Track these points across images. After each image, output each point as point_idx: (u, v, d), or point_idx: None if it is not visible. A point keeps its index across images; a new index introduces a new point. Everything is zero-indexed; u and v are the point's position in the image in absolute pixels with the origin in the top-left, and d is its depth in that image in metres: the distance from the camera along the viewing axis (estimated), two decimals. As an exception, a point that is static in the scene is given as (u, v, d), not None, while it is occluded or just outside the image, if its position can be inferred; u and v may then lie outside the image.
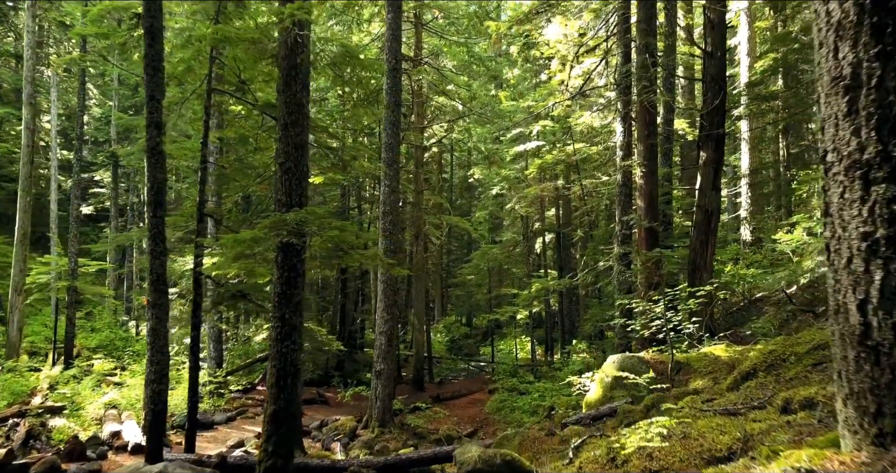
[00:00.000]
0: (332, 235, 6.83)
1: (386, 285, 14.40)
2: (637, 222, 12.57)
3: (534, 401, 16.54)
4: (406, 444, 13.62)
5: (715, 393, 5.71)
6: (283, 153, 7.06)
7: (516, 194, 24.89)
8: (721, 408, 4.44)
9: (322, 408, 17.19)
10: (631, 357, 8.58)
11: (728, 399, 4.76)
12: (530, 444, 7.24)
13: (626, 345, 12.61)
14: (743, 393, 4.84)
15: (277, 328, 6.85)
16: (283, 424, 6.63)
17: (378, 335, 14.41)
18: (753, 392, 4.78)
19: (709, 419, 4.01)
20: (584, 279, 14.14)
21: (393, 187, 14.50)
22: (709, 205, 12.28)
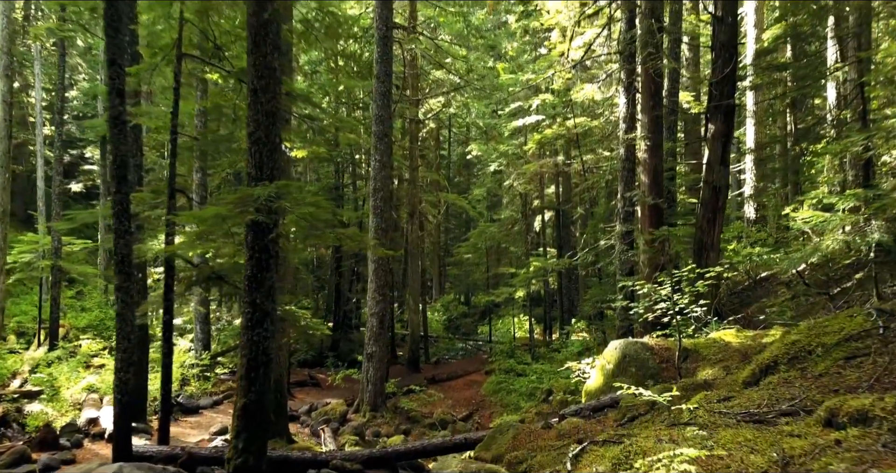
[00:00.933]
0: (305, 212, 6.18)
1: (377, 265, 13.79)
2: (640, 199, 11.92)
3: (531, 384, 16.05)
4: (398, 429, 13.14)
5: (731, 389, 5.11)
6: (253, 122, 6.38)
7: (515, 171, 24.17)
8: (743, 411, 3.84)
9: (313, 391, 16.71)
10: (634, 343, 8.00)
11: (749, 399, 4.16)
12: (525, 439, 6.68)
13: (628, 328, 12.05)
14: (766, 392, 4.24)
15: (248, 314, 6.24)
16: (255, 418, 6.06)
17: (370, 316, 13.85)
18: (778, 391, 4.18)
19: (732, 429, 3.41)
20: (584, 259, 13.54)
21: (384, 162, 13.80)
22: (717, 181, 11.61)
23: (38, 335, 19.65)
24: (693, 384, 6.21)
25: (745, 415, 3.74)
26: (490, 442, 7.00)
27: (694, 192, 21.85)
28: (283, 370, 10.88)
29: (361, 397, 13.84)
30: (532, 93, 22.24)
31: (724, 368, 6.82)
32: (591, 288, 17.37)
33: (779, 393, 4.13)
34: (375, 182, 13.84)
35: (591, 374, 8.58)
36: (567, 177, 24.65)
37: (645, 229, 12.02)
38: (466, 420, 14.71)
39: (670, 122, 15.20)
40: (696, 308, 8.49)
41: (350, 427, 12.49)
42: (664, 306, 8.09)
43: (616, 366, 7.99)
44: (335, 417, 13.16)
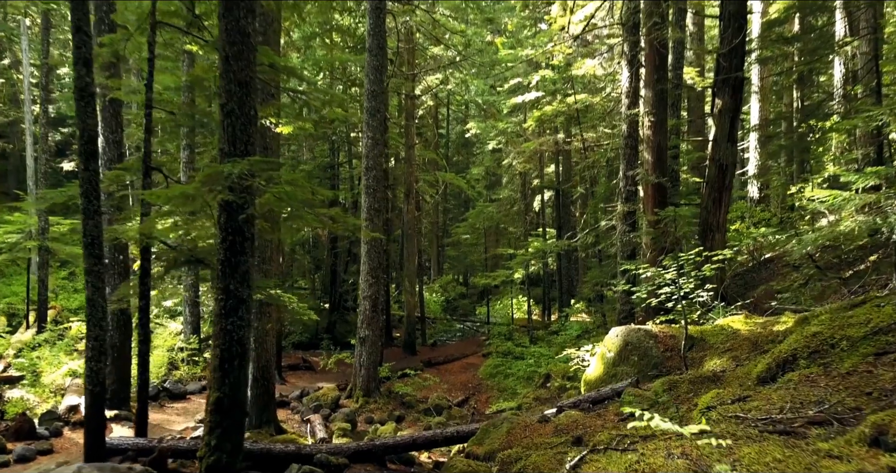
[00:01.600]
0: (281, 191, 5.68)
1: (370, 246, 13.31)
2: (643, 178, 11.41)
3: (529, 368, 15.69)
4: (392, 415, 12.78)
5: (745, 386, 4.67)
6: (225, 92, 5.85)
7: (514, 150, 23.59)
8: (764, 417, 3.38)
9: (306, 374, 16.35)
10: (637, 331, 7.55)
11: (768, 400, 3.71)
12: (520, 434, 6.26)
13: (629, 312, 11.62)
14: (787, 392, 3.79)
15: (221, 301, 5.78)
16: (229, 414, 5.63)
17: (362, 299, 13.41)
18: (801, 392, 3.72)
19: (756, 442, 2.95)
20: (584, 241, 13.07)
21: (377, 140, 13.25)
22: (724, 158, 11.08)
23: (26, 317, 19.25)
24: (700, 377, 5.77)
25: (767, 422, 3.28)
26: (483, 436, 6.59)
27: (697, 171, 21.32)
28: (271, 355, 10.46)
29: (354, 382, 13.46)
30: (532, 69, 21.58)
31: (733, 358, 6.37)
32: (590, 270, 16.92)
33: (802, 394, 3.67)
34: (368, 160, 13.31)
35: (591, 362, 8.15)
36: (567, 155, 24.08)
37: (648, 209, 11.53)
38: (462, 405, 14.36)
39: (674, 97, 14.60)
40: (701, 293, 8.03)
41: (342, 413, 12.11)
42: (668, 290, 7.64)
43: (617, 354, 7.55)
44: (327, 403, 12.78)
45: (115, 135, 11.16)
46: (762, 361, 4.99)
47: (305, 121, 9.41)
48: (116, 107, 11.16)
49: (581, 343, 15.25)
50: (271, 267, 10.35)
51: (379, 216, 13.37)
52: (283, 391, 14.34)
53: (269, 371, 10.44)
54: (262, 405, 10.36)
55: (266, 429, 10.23)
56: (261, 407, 10.34)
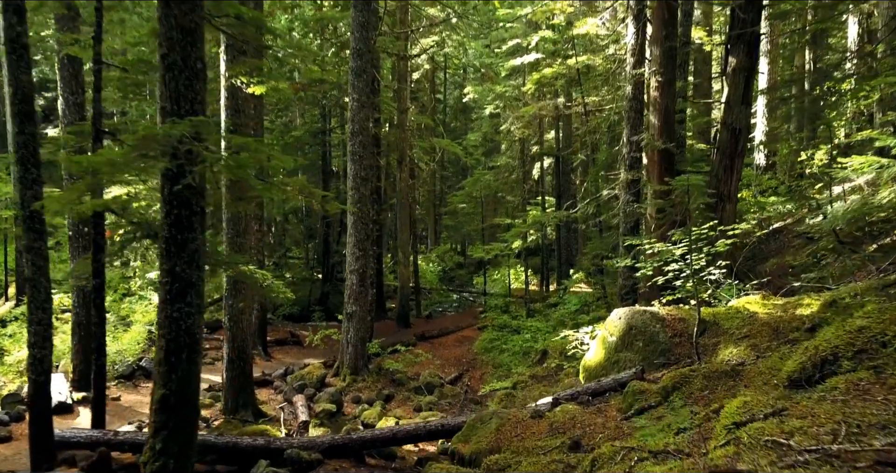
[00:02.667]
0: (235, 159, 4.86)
1: (357, 217, 12.51)
2: (649, 143, 10.55)
3: (525, 343, 15.06)
4: (380, 394, 12.17)
5: (776, 392, 3.92)
6: (165, 41, 4.98)
7: (512, 114, 22.57)
8: (814, 447, 2.64)
9: (294, 350, 15.73)
10: (642, 313, 6.81)
11: (812, 417, 2.96)
12: (510, 431, 5.56)
13: (631, 287, 10.88)
14: (833, 406, 3.04)
15: (166, 285, 5.02)
16: (177, 413, 4.92)
17: (349, 273, 12.67)
18: (854, 407, 2.97)
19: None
20: (585, 211, 12.27)
21: (363, 102, 12.33)
22: (737, 122, 10.23)
23: (5, 289, 18.57)
24: (717, 371, 5.04)
25: (819, 456, 2.54)
26: (469, 433, 5.91)
27: (702, 136, 20.41)
28: (248, 335, 9.77)
29: (341, 359, 12.82)
30: (531, 29, 20.46)
31: (751, 347, 5.64)
32: (591, 241, 16.15)
33: (856, 412, 2.92)
34: (354, 124, 12.41)
35: (591, 346, 7.44)
36: (568, 121, 23.09)
37: (654, 177, 10.71)
38: (455, 383, 13.75)
39: (683, 56, 13.61)
40: (713, 271, 7.29)
41: (327, 393, 11.48)
42: (676, 267, 6.89)
43: (620, 339, 6.83)
44: (312, 382, 12.15)
45: (76, 96, 10.24)
46: (794, 357, 4.24)
47: (279, 80, 8.50)
48: (76, 66, 10.23)
49: (579, 319, 14.59)
50: (246, 240, 9.57)
51: (366, 185, 12.53)
52: (267, 369, 13.72)
53: (246, 352, 9.76)
54: (239, 388, 9.71)
55: (243, 413, 9.61)
56: (237, 390, 9.69)
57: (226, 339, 9.68)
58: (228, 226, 9.53)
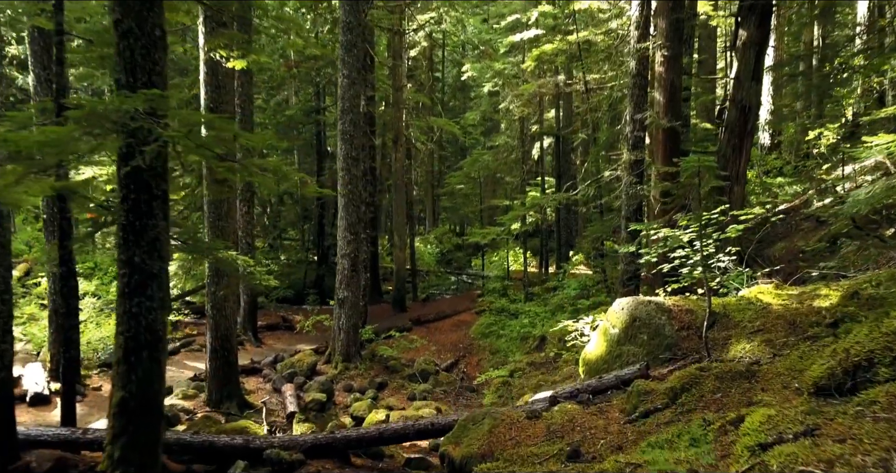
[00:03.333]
0: (195, 138, 4.36)
1: (348, 199, 12.01)
2: (654, 122, 10.01)
3: (523, 328, 14.65)
4: (373, 382, 11.79)
5: (802, 402, 3.47)
6: (118, 5, 4.46)
7: (511, 92, 21.93)
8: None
9: (285, 335, 15.33)
10: (647, 304, 6.35)
11: (856, 444, 2.51)
12: (504, 434, 5.14)
13: (634, 273, 10.42)
14: (880, 429, 2.59)
15: (124, 276, 4.56)
16: (138, 417, 4.49)
17: (340, 258, 12.21)
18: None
19: None
20: (586, 193, 11.77)
21: (353, 78, 11.76)
22: (746, 99, 9.69)
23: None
24: (730, 371, 4.59)
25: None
26: (461, 434, 5.48)
27: (706, 115, 19.80)
28: (231, 323, 9.34)
29: (333, 346, 12.42)
30: (531, 4, 19.76)
31: (766, 342, 5.19)
32: (591, 224, 15.66)
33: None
34: (344, 102, 11.86)
35: (592, 338, 6.99)
36: (568, 99, 22.46)
37: (658, 157, 10.20)
38: (451, 370, 13.37)
39: (688, 30, 12.98)
40: (722, 258, 6.82)
41: (317, 382, 11.08)
42: (683, 254, 6.41)
43: (623, 331, 6.38)
44: (302, 370, 11.75)
45: (47, 72, 9.69)
46: (820, 360, 3.79)
47: (259, 54, 7.95)
48: (47, 39, 9.65)
49: (579, 304, 14.16)
50: (229, 225, 9.09)
51: (357, 165, 12.02)
52: (257, 355, 13.33)
53: (230, 341, 9.34)
54: (223, 378, 9.30)
55: (227, 405, 9.22)
56: (221, 380, 9.29)
57: (208, 327, 9.25)
58: (210, 210, 9.04)
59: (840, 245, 8.30)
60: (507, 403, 10.48)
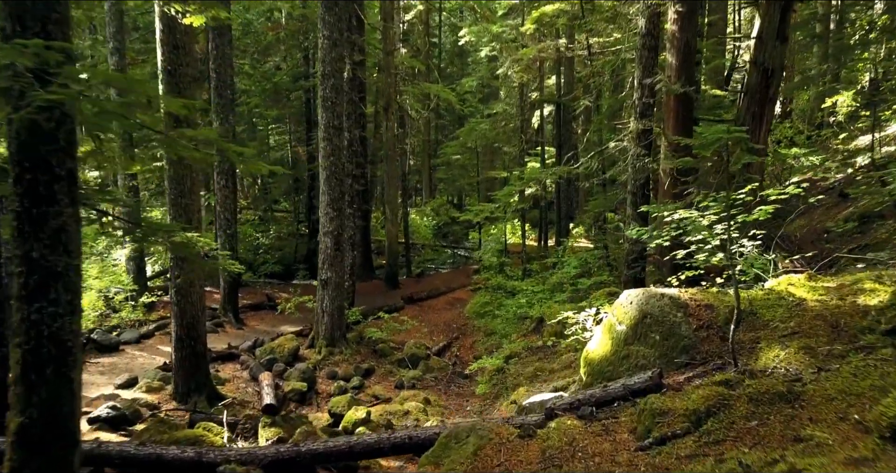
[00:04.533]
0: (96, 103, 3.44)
1: (330, 172, 11.08)
2: (665, 87, 9.02)
3: (520, 308, 13.86)
4: (358, 368, 11.03)
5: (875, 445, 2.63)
6: (-2, -68, 3.52)
7: (510, 57, 20.75)
8: None
9: (269, 316, 14.54)
10: (659, 297, 5.50)
11: None
12: (492, 457, 4.33)
13: (640, 253, 9.56)
14: None
15: (21, 276, 3.70)
16: (42, 448, 3.68)
17: (322, 236, 11.34)
18: None
19: None
20: (589, 166, 10.83)
21: (335, 40, 10.72)
22: (770, 61, 8.70)
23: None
24: (767, 393, 3.75)
25: None
26: (442, 453, 4.68)
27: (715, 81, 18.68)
28: (199, 310, 8.50)
29: (316, 330, 11.63)
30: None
31: (805, 351, 4.34)
32: (593, 198, 14.72)
33: None
34: (325, 66, 10.84)
35: (595, 334, 6.15)
36: (570, 65, 21.31)
37: (669, 126, 9.24)
38: (443, 354, 12.62)
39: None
40: (745, 242, 5.94)
41: (297, 369, 10.32)
42: (700, 237, 5.54)
43: (631, 329, 5.54)
44: (283, 355, 10.98)
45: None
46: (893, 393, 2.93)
47: (219, 9, 6.95)
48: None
49: (580, 283, 13.33)
50: (191, 202, 8.18)
51: (340, 135, 11.05)
52: (238, 338, 12.54)
53: (197, 329, 8.51)
54: (190, 370, 8.51)
55: (196, 398, 8.44)
56: (188, 372, 8.50)
57: (173, 315, 8.42)
58: (171, 186, 8.14)
59: (874, 226, 7.40)
60: (500, 394, 9.74)
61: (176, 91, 7.94)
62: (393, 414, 8.30)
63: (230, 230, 13.20)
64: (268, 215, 27.37)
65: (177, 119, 8.02)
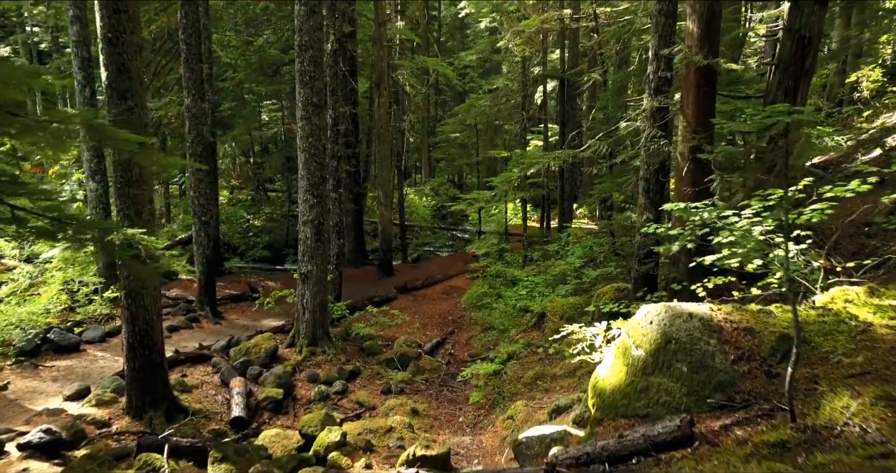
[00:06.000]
0: None
1: (309, 154, 9.99)
2: (686, 59, 7.86)
3: (521, 299, 12.87)
4: (342, 370, 10.10)
5: None
6: None
7: (511, 29, 19.44)
8: None
9: (251, 308, 13.55)
10: (686, 317, 4.46)
11: None
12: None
13: (648, 253, 8.50)
14: None
15: None
16: None
17: (301, 225, 10.29)
18: None
19: None
20: (598, 149, 9.67)
21: (311, 6, 9.55)
22: (807, 28, 7.53)
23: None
24: None
25: None
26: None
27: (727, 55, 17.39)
28: (154, 314, 7.49)
29: (297, 328, 10.65)
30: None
31: (886, 401, 3.31)
32: (600, 181, 13.56)
33: None
34: (301, 36, 9.69)
35: (607, 357, 5.12)
36: (575, 37, 19.98)
37: (689, 103, 8.10)
38: (435, 352, 11.67)
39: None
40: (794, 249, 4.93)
41: (273, 374, 9.36)
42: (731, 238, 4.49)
43: (652, 355, 4.51)
44: (259, 356, 10.01)
45: None
46: None
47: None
48: None
49: (585, 275, 12.30)
50: (141, 192, 7.12)
51: (320, 113, 9.94)
52: (212, 336, 11.55)
53: (152, 336, 7.51)
54: (146, 381, 7.54)
55: (152, 414, 7.49)
56: (143, 384, 7.53)
57: (123, 320, 7.42)
58: (116, 173, 7.07)
59: None
60: (496, 403, 8.78)
61: (118, 63, 6.83)
62: (374, 432, 7.34)
63: (206, 217, 12.15)
64: (260, 196, 26.30)
65: (121, 96, 6.94)
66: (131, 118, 6.95)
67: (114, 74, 6.87)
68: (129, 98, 6.95)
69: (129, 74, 6.92)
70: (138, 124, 7.03)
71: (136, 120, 7.00)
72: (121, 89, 6.90)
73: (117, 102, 6.92)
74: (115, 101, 6.91)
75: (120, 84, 6.90)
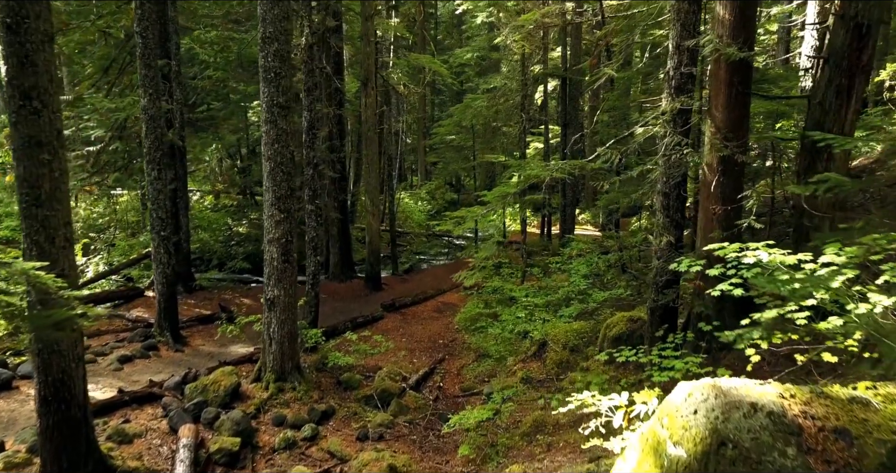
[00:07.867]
0: None
1: (275, 163, 8.68)
2: (719, 49, 6.54)
3: (519, 323, 11.53)
4: (313, 411, 8.78)
5: None
6: None
7: (510, 24, 18.13)
8: None
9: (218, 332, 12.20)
10: (748, 410, 3.14)
11: None
12: None
13: (673, 276, 7.19)
14: None
15: None
16: None
17: (267, 244, 8.98)
18: None
19: None
20: (610, 158, 8.32)
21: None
22: (864, 15, 6.22)
23: None
24: None
25: None
26: None
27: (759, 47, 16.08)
28: (72, 361, 6.19)
29: (263, 360, 9.34)
30: None
31: None
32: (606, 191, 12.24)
33: None
34: (265, 27, 8.40)
35: (630, 452, 3.77)
36: (577, 33, 18.70)
37: (719, 105, 6.80)
38: (421, 386, 10.35)
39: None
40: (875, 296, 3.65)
41: (230, 419, 8.04)
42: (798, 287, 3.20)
43: (697, 460, 3.20)
44: (218, 395, 8.68)
45: None
46: None
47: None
48: None
49: (591, 297, 11.00)
50: (54, 213, 5.81)
51: (286, 116, 8.62)
52: (170, 367, 10.23)
53: (71, 388, 6.20)
54: (63, 442, 6.22)
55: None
56: (59, 446, 6.20)
57: (34, 368, 6.11)
58: (21, 189, 5.77)
59: None
60: (488, 458, 7.45)
61: (20, 55, 5.53)
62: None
63: (165, 232, 10.84)
64: (246, 200, 24.99)
65: (24, 96, 5.64)
66: (38, 122, 5.66)
67: (15, 68, 5.57)
68: (36, 98, 5.64)
69: (34, 69, 5.62)
70: (48, 130, 5.74)
71: (44, 124, 5.70)
72: (24, 87, 5.60)
73: (20, 103, 5.61)
74: (18, 101, 5.61)
75: (23, 80, 5.60)
